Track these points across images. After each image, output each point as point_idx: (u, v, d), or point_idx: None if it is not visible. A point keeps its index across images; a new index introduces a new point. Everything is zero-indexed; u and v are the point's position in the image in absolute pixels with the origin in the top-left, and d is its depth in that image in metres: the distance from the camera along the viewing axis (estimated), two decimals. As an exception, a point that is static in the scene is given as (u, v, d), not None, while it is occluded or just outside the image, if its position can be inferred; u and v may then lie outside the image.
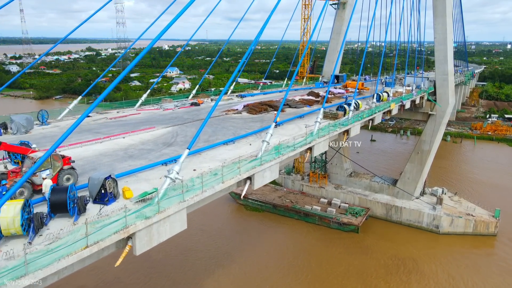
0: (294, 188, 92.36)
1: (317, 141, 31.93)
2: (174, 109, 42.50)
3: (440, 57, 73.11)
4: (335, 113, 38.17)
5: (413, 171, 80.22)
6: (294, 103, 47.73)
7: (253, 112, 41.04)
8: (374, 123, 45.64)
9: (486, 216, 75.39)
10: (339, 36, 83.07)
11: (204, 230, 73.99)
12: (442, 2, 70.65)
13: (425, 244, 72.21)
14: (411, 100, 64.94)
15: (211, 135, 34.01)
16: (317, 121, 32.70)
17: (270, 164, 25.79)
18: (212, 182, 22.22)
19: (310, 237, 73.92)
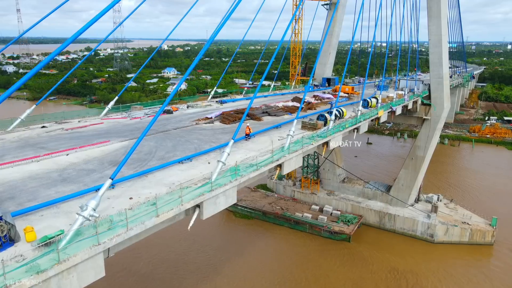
0: (285, 194, 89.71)
1: (288, 157, 28.59)
2: (143, 118, 39.50)
3: (435, 59, 70.41)
4: (314, 123, 35.43)
5: (407, 178, 77.53)
6: (274, 111, 44.86)
7: (226, 122, 38.16)
8: (359, 132, 42.95)
9: (482, 225, 72.70)
10: (331, 38, 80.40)
11: (194, 240, 71.27)
12: (437, 3, 67.97)
13: (419, 254, 69.49)
14: (403, 106, 62.22)
15: (169, 151, 30.37)
16: (289, 134, 29.92)
17: (224, 188, 22.30)
18: (143, 216, 18.31)
19: (302, 248, 70.99)
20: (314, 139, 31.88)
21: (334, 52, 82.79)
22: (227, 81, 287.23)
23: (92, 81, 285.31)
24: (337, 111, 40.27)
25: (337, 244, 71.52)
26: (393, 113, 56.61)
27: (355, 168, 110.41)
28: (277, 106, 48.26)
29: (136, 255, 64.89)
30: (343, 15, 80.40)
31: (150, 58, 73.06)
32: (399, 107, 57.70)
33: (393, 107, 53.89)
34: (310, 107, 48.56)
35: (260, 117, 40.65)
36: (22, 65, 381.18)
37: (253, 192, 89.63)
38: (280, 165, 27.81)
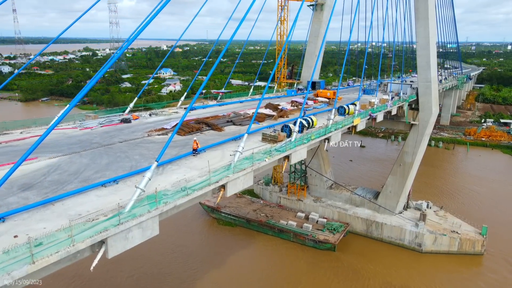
0: (271, 200, 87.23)
1: (232, 177, 25.42)
2: (94, 128, 36.51)
3: (423, 63, 67.86)
4: (274, 136, 32.77)
5: (395, 185, 75.00)
6: (240, 120, 42.06)
7: (181, 133, 35.27)
8: (330, 142, 40.33)
9: (472, 234, 70.18)
10: (317, 40, 77.88)
11: (176, 251, 68.83)
12: (424, 4, 65.45)
13: (405, 265, 67.01)
14: (386, 111, 59.59)
15: (99, 170, 26.72)
16: (238, 150, 27.00)
17: (138, 220, 19.16)
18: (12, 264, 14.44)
19: (286, 258, 68.46)
20: (270, 154, 29.31)
21: (321, 55, 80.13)
22: (223, 82, 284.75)
23: (87, 81, 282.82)
24: (306, 120, 37.72)
25: (322, 254, 69.02)
26: (374, 120, 54.05)
27: (345, 173, 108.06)
28: (247, 114, 45.68)
29: (118, 268, 62.53)
30: (329, 16, 77.70)
31: (149, 59, 70.75)
32: (380, 113, 55.12)
33: (373, 114, 51.30)
34: (282, 114, 45.85)
35: (221, 127, 38.00)
36: (18, 65, 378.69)
37: (238, 198, 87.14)
38: (223, 186, 25.25)
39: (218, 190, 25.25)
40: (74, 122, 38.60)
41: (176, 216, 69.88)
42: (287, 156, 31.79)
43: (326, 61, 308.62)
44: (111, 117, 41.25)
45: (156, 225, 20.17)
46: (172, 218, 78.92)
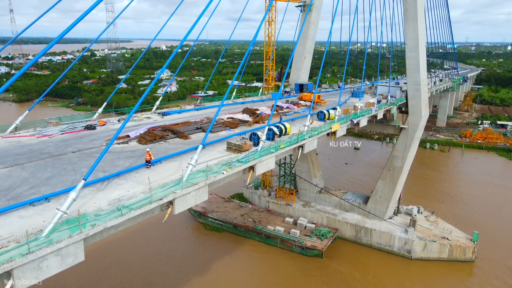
0: (260, 204, 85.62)
1: (180, 193, 23.44)
2: (52, 136, 34.63)
3: (412, 65, 66.26)
4: (239, 145, 31.01)
5: (384, 189, 73.37)
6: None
7: (142, 142, 33.54)
8: (304, 151, 38.63)
9: (463, 240, 68.53)
10: (305, 41, 76.23)
11: (161, 257, 67.33)
12: (413, 5, 63.84)
13: (394, 272, 65.40)
14: (371, 116, 57.92)
15: (36, 185, 24.23)
16: (190, 163, 25.43)
17: (54, 248, 16.73)
18: None
19: (271, 265, 66.77)
20: (230, 166, 27.60)
21: (310, 56, 78.58)
22: (220, 83, 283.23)
23: (83, 82, 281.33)
24: (278, 127, 36.01)
25: (309, 261, 67.39)
26: (357, 125, 52.36)
27: (338, 176, 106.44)
28: (221, 119, 44.01)
29: (104, 276, 61.20)
30: (318, 17, 76.26)
31: (139, 59, 69.00)
32: (364, 118, 53.40)
33: (354, 120, 49.54)
34: (258, 120, 44.08)
35: (188, 135, 36.27)
36: (15, 66, 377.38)
37: (226, 202, 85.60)
38: (171, 202, 23.53)
39: (166, 207, 23.60)
40: (34, 129, 36.87)
41: (162, 220, 68.27)
42: (252, 167, 30.14)
43: (325, 62, 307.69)
44: (76, 123, 39.57)
45: (80, 250, 18.30)
46: (158, 223, 77.62)
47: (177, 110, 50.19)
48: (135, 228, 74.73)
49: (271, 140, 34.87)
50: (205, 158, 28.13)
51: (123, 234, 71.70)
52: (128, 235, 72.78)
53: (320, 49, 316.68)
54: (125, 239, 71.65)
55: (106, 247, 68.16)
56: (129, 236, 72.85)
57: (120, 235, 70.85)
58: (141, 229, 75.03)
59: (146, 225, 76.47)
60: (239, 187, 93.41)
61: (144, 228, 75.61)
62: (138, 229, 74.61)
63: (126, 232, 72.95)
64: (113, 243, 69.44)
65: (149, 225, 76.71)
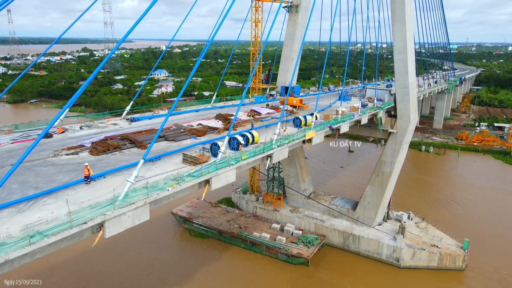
0: (247, 210, 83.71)
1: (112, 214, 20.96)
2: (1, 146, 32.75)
3: (400, 67, 64.28)
4: (194, 157, 28.89)
5: (373, 195, 71.39)
6: (174, 134, 38.25)
7: (93, 153, 31.45)
8: (272, 161, 36.61)
9: (453, 248, 66.53)
10: (292, 43, 74.28)
11: (144, 264, 65.54)
12: (401, 6, 61.85)
13: (383, 280, 63.45)
14: (355, 121, 55.94)
15: None
16: (129, 180, 23.40)
17: None
18: None
19: (260, 273, 64.72)
20: (178, 181, 25.52)
21: (298, 59, 76.53)
22: (217, 83, 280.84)
23: (80, 83, 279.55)
24: (243, 136, 33.94)
25: (295, 269, 65.48)
26: (337, 131, 50.37)
27: (331, 180, 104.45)
28: (191, 126, 42.02)
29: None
30: (306, 18, 74.26)
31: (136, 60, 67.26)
32: (345, 124, 51.33)
33: (333, 126, 47.51)
34: (228, 127, 42.01)
35: (147, 144, 34.23)
36: (12, 66, 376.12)
37: (213, 207, 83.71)
38: (102, 225, 21.51)
39: (98, 229, 21.64)
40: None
41: (146, 226, 65.80)
42: (208, 180, 28.13)
43: (323, 63, 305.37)
44: (32, 131, 37.54)
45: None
46: (142, 228, 75.73)
47: (148, 115, 48.19)
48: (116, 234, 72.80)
49: (236, 150, 32.96)
50: (156, 172, 26.20)
51: (101, 241, 69.81)
52: (108, 242, 70.85)
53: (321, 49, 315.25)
54: (105, 246, 69.75)
55: (83, 258, 66.29)
56: (109, 242, 70.91)
57: (99, 243, 68.99)
58: (122, 235, 73.08)
59: (128, 231, 74.57)
60: (228, 191, 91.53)
61: (126, 234, 73.68)
62: (119, 235, 72.65)
63: (105, 239, 70.98)
64: (90, 253, 67.50)
65: (131, 231, 74.81)
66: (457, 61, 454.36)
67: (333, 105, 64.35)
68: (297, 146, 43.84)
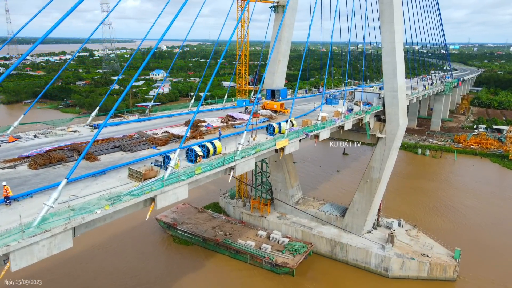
0: (234, 216, 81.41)
1: (18, 245, 18.03)
2: None
3: (389, 70, 61.90)
4: (140, 172, 26.43)
5: (362, 202, 69.01)
6: (132, 144, 35.67)
7: (33, 166, 28.74)
8: (235, 173, 34.11)
9: (444, 257, 64.08)
10: (279, 44, 71.94)
11: (124, 273, 63.34)
12: (389, 7, 59.47)
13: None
14: (337, 126, 53.46)
15: None
16: (46, 203, 20.74)
17: None
18: None
19: (243, 284, 62.47)
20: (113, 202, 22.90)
21: (286, 60, 74.27)
22: (214, 84, 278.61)
23: (76, 83, 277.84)
24: (203, 146, 31.44)
25: (280, 279, 63.17)
26: (316, 138, 47.95)
27: (322, 185, 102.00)
28: (155, 134, 39.62)
29: None
30: (293, 19, 71.95)
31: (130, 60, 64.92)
32: (324, 131, 48.83)
33: (309, 133, 44.97)
34: (196, 135, 39.63)
35: (96, 156, 31.73)
36: (10, 66, 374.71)
37: (199, 213, 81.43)
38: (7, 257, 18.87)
39: (5, 261, 19.03)
40: None
41: (129, 233, 63.63)
42: (152, 198, 25.69)
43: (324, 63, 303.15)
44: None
45: None
46: (125, 235, 73.45)
47: (114, 122, 45.76)
48: (96, 241, 70.73)
49: (193, 162, 30.63)
50: (94, 190, 23.74)
51: (80, 249, 67.76)
52: (88, 249, 68.80)
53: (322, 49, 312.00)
54: (84, 253, 67.61)
55: (62, 269, 64.11)
56: (89, 249, 68.86)
57: (77, 250, 66.94)
58: (103, 242, 71.08)
59: (110, 237, 72.57)
60: (216, 195, 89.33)
61: (107, 241, 71.66)
62: (100, 242, 70.67)
63: (85, 246, 68.95)
64: (70, 264, 65.35)
65: (112, 239, 72.80)
66: (459, 61, 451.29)
67: (318, 109, 61.75)
68: (269, 156, 41.34)
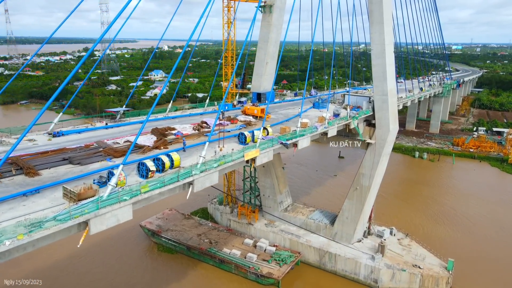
0: (222, 223, 78.88)
1: None
2: None
3: (378, 73, 59.15)
4: (74, 193, 23.60)
5: (352, 210, 66.33)
6: (83, 156, 32.83)
7: None
8: (194, 189, 31.27)
9: (436, 268, 61.29)
10: (266, 45, 69.30)
11: (106, 284, 61.00)
12: (379, 7, 56.74)
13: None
14: (319, 133, 50.69)
15: None
16: None
17: None
18: None
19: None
20: (34, 228, 20.01)
21: (274, 62, 71.59)
22: (214, 85, 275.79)
23: (74, 83, 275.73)
24: (157, 160, 28.75)
25: (265, 290, 60.64)
26: (295, 147, 45.18)
27: (311, 189, 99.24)
28: (116, 144, 36.88)
29: None
30: (281, 19, 69.30)
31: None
32: (304, 138, 45.98)
33: (286, 142, 42.12)
34: (160, 145, 36.88)
35: (37, 170, 28.89)
36: (9, 66, 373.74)
37: (185, 219, 78.93)
38: None
39: None
40: None
41: (113, 240, 61.34)
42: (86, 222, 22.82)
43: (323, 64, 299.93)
44: None
45: None
46: (108, 243, 70.90)
47: (77, 129, 43.02)
48: (75, 251, 68.21)
49: (145, 178, 28.06)
50: (18, 212, 20.89)
51: (59, 259, 65.33)
52: (67, 259, 66.39)
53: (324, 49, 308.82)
54: (63, 263, 65.19)
55: (40, 275, 61.74)
56: (68, 259, 66.42)
57: (56, 260, 64.54)
58: (83, 251, 68.57)
59: (91, 246, 70.08)
60: (203, 201, 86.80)
61: (88, 250, 69.18)
62: (80, 251, 68.12)
63: (64, 256, 66.48)
64: (47, 272, 62.98)
65: (94, 246, 70.36)
66: (461, 62, 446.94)
67: (304, 113, 59.01)
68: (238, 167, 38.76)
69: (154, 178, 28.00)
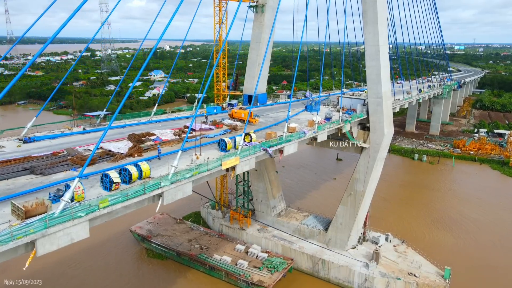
0: (214, 227, 77.11)
1: None
2: None
3: (372, 75, 57.24)
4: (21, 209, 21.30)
5: (345, 216, 64.44)
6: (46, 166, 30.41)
7: None
8: (164, 202, 29.35)
9: (433, 277, 59.34)
10: (259, 46, 67.47)
11: None
12: (373, 6, 54.83)
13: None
14: (308, 138, 48.76)
15: None
16: None
17: None
18: None
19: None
20: None
21: (267, 63, 69.83)
22: (211, 86, 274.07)
23: (73, 83, 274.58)
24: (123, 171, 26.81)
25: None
26: (281, 153, 43.30)
27: (305, 193, 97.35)
28: (88, 151, 35.10)
29: None
30: (273, 19, 67.41)
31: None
32: (290, 144, 44.09)
33: (269, 149, 40.17)
34: (134, 152, 34.98)
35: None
36: (9, 66, 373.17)
37: (177, 224, 77.17)
38: None
39: None
40: None
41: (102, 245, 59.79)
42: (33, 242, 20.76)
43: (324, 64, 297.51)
44: None
45: None
46: (96, 248, 69.16)
47: (50, 134, 41.17)
48: (64, 256, 66.61)
49: (109, 190, 26.29)
50: None
51: (46, 265, 63.56)
52: (56, 265, 64.68)
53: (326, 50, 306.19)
54: (51, 270, 63.47)
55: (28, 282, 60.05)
56: (57, 266, 64.72)
57: (43, 267, 62.78)
58: (72, 257, 66.90)
59: (79, 252, 68.39)
60: (195, 205, 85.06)
61: (76, 256, 67.52)
62: (68, 257, 66.50)
63: (52, 262, 64.70)
64: (37, 278, 61.25)
65: (83, 252, 68.69)
66: (463, 62, 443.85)
67: (295, 117, 57.12)
68: (216, 176, 36.87)
69: (117, 191, 26.17)
